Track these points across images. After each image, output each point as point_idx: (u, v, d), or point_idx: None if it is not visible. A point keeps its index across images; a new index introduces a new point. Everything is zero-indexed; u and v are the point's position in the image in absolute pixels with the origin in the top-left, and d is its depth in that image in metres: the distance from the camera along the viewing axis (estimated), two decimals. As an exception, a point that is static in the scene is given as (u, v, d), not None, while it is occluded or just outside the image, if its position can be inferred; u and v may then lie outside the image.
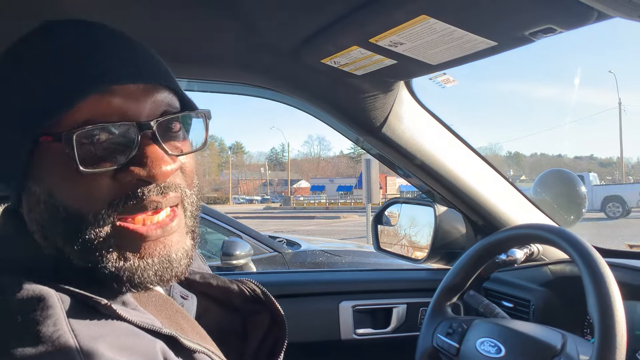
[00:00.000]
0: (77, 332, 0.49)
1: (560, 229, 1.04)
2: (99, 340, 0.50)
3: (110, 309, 0.52)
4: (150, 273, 0.56)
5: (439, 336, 1.14)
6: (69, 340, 0.48)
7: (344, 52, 0.98)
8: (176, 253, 0.59)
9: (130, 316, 0.54)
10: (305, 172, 73.48)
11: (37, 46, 0.58)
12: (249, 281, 0.79)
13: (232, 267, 3.16)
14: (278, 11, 0.94)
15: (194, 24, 1.00)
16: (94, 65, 0.54)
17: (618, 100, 37.81)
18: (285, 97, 1.27)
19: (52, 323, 0.49)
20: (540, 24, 0.78)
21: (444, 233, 1.51)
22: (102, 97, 0.54)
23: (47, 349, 0.47)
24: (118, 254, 0.55)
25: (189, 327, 0.63)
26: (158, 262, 0.57)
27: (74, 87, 0.53)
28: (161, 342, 0.55)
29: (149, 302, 0.61)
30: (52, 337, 0.48)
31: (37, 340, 0.48)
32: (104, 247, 0.55)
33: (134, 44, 0.60)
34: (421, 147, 1.30)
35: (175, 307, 0.65)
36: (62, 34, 0.58)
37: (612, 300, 0.86)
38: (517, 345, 1.00)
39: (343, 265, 3.56)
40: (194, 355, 0.59)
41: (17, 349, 0.47)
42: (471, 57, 0.93)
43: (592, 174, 26.39)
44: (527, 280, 1.38)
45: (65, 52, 0.55)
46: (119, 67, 0.55)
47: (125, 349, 0.51)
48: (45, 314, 0.49)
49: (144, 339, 0.54)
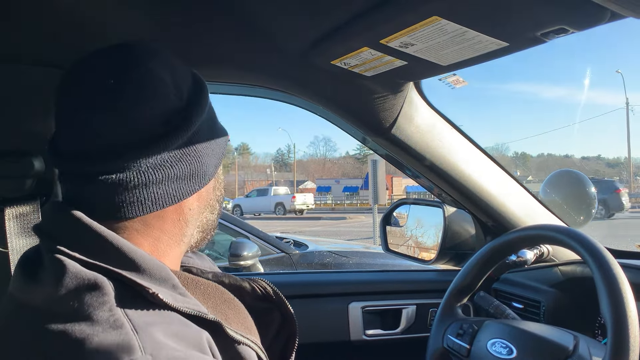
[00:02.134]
0: (131, 317, 0.52)
1: (571, 230, 1.03)
2: (152, 325, 0.52)
3: (157, 297, 0.55)
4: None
5: (450, 337, 1.13)
6: (125, 323, 0.51)
7: (354, 53, 0.98)
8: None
9: (176, 302, 0.56)
10: (311, 173, 73.43)
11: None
12: (259, 279, 0.80)
13: (240, 268, 3.18)
14: (288, 13, 0.94)
15: (204, 26, 1.01)
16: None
17: (625, 100, 37.56)
18: (294, 99, 1.27)
19: (107, 308, 0.51)
20: (552, 24, 0.77)
21: (453, 234, 1.51)
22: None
23: (104, 331, 0.49)
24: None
25: (236, 318, 0.66)
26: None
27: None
28: (207, 333, 0.58)
29: (197, 290, 0.66)
30: (109, 321, 0.50)
31: (95, 324, 0.50)
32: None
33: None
34: (431, 148, 1.30)
35: (224, 296, 0.69)
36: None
37: (625, 301, 0.86)
38: (529, 346, 0.99)
39: (351, 266, 3.55)
40: (237, 346, 0.61)
41: (76, 332, 0.49)
42: (482, 58, 0.93)
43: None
44: (537, 281, 1.37)
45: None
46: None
47: (176, 335, 0.53)
48: (102, 300, 0.51)
49: (191, 328, 0.57)
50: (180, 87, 0.63)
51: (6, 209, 0.93)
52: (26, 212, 0.95)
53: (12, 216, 0.93)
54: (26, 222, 0.94)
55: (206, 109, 0.66)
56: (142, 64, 0.61)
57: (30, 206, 0.96)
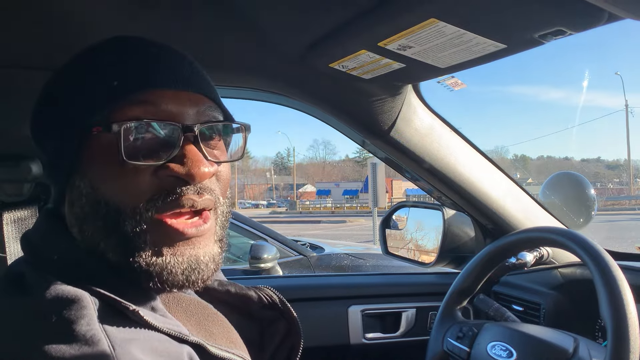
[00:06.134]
0: (109, 332, 0.51)
1: (571, 232, 1.03)
2: (130, 342, 0.51)
3: (138, 315, 0.53)
4: (179, 271, 0.58)
5: (449, 340, 1.13)
6: (102, 339, 0.50)
7: (352, 56, 0.98)
8: (204, 256, 0.60)
9: (157, 322, 0.55)
10: (310, 177, 73.49)
11: (105, 52, 0.63)
12: (266, 288, 0.79)
13: (260, 270, 3.21)
14: (286, 16, 0.94)
15: (202, 30, 1.01)
16: (150, 70, 0.60)
17: (625, 103, 37.60)
18: (292, 102, 1.27)
19: (85, 323, 0.50)
20: (550, 26, 0.77)
21: (453, 237, 1.51)
22: (152, 99, 0.59)
23: (81, 346, 0.48)
24: (152, 249, 0.57)
25: (220, 333, 0.64)
26: (187, 261, 0.59)
27: (127, 87, 0.58)
28: (188, 348, 0.57)
29: (178, 308, 0.63)
30: (86, 336, 0.49)
31: (71, 338, 0.49)
32: (140, 241, 0.57)
33: (183, 56, 0.65)
34: (430, 151, 1.29)
35: (207, 312, 0.66)
36: (129, 45, 0.63)
37: (625, 303, 0.85)
38: (529, 349, 0.99)
39: (368, 268, 3.56)
40: None
41: (52, 346, 0.48)
42: (480, 60, 0.93)
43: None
44: (537, 283, 1.37)
45: (128, 58, 0.61)
46: (170, 74, 0.61)
47: (155, 351, 0.52)
48: (80, 313, 0.50)
49: (172, 344, 0.55)
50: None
51: (4, 213, 0.93)
52: (24, 216, 0.95)
53: (10, 220, 0.93)
54: (24, 226, 0.94)
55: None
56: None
57: (28, 211, 0.96)
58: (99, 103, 0.58)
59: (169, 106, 0.59)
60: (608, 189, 57.13)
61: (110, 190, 0.57)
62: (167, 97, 0.59)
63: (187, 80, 0.61)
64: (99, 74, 0.60)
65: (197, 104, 0.62)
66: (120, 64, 0.60)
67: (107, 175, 0.58)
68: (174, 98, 0.60)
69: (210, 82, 0.67)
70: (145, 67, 0.60)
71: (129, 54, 0.62)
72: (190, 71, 0.64)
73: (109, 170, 0.57)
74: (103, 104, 0.58)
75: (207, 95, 0.63)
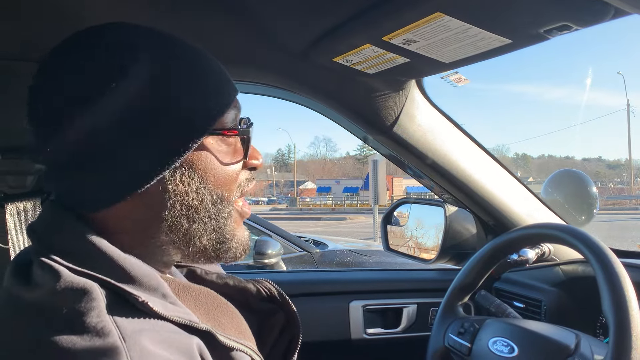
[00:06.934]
0: (119, 324, 0.51)
1: (574, 228, 1.03)
2: (141, 333, 0.52)
3: (147, 306, 0.54)
4: (241, 247, 0.68)
5: (451, 336, 1.13)
6: (113, 330, 0.50)
7: (356, 50, 0.97)
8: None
9: (167, 312, 0.56)
10: (311, 174, 73.52)
11: (202, 56, 0.66)
12: (264, 280, 0.80)
13: (264, 266, 3.23)
14: (290, 11, 0.94)
15: (205, 25, 1.01)
16: (228, 78, 0.68)
17: (626, 102, 37.55)
18: (295, 96, 1.27)
19: (96, 315, 0.51)
20: (556, 21, 0.77)
21: (455, 233, 1.51)
22: (236, 103, 0.68)
23: (91, 338, 0.49)
24: (235, 229, 0.68)
25: (229, 323, 0.65)
26: (246, 237, 0.70)
27: (226, 97, 0.65)
28: (197, 339, 0.57)
29: (188, 297, 0.64)
30: (97, 328, 0.50)
31: (82, 330, 0.49)
32: (230, 222, 0.66)
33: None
34: (432, 147, 1.29)
35: (217, 302, 0.68)
36: (193, 52, 0.66)
37: (628, 300, 0.85)
38: (531, 344, 0.99)
39: (371, 264, 3.57)
40: (231, 353, 0.61)
41: (63, 338, 0.49)
42: (485, 55, 0.93)
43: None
44: (538, 280, 1.37)
45: (217, 63, 0.68)
46: (230, 79, 0.69)
47: (165, 342, 0.53)
48: (90, 305, 0.51)
49: (181, 335, 0.56)
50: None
51: (7, 205, 0.93)
52: (27, 208, 0.95)
53: (13, 212, 0.93)
54: (27, 218, 0.94)
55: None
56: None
57: (32, 203, 0.96)
58: (216, 106, 0.63)
59: (238, 110, 0.68)
60: (609, 188, 57.13)
61: (219, 182, 0.64)
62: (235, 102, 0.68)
63: (235, 85, 0.69)
64: (213, 77, 0.65)
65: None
66: (219, 68, 0.66)
67: (219, 170, 0.64)
68: (236, 102, 0.68)
69: None
70: (225, 72, 0.68)
71: (211, 58, 0.67)
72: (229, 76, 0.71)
73: (222, 166, 0.65)
74: (220, 107, 0.64)
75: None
